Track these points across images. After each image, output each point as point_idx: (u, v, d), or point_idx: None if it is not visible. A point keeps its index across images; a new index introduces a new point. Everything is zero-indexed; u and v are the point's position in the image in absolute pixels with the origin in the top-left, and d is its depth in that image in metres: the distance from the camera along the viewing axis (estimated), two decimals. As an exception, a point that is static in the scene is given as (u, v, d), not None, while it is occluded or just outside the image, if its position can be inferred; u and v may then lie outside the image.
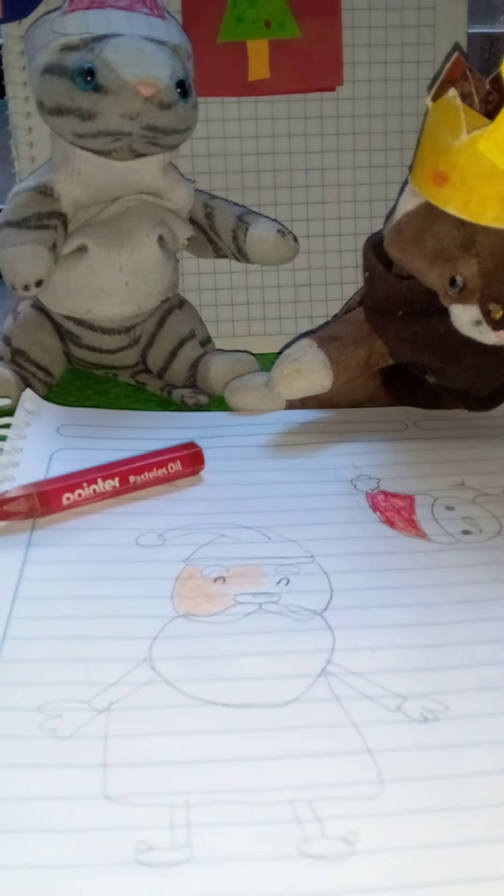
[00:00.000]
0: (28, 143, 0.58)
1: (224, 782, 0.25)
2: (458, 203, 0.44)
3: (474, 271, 0.44)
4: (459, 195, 0.43)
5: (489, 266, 0.44)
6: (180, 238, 0.56)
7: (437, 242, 0.45)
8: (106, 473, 0.42)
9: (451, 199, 0.44)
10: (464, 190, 0.43)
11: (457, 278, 0.45)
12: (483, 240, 0.44)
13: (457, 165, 0.43)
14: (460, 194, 0.43)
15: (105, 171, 0.52)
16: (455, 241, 0.45)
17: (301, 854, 0.24)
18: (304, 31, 0.58)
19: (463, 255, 0.44)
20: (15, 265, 0.51)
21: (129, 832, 0.25)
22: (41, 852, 0.24)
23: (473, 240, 0.44)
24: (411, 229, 0.46)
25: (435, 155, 0.44)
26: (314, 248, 0.61)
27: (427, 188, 0.45)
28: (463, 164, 0.43)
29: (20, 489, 0.40)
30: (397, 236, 0.47)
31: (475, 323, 0.45)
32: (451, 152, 0.43)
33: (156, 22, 0.51)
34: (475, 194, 0.43)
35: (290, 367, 0.49)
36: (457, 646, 0.33)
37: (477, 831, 0.25)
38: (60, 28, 0.50)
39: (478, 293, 0.44)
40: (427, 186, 0.45)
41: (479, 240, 0.44)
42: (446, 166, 0.43)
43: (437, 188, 0.44)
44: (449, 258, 0.45)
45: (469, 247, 0.44)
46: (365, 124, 0.60)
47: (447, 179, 0.44)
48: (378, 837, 0.25)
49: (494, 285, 0.44)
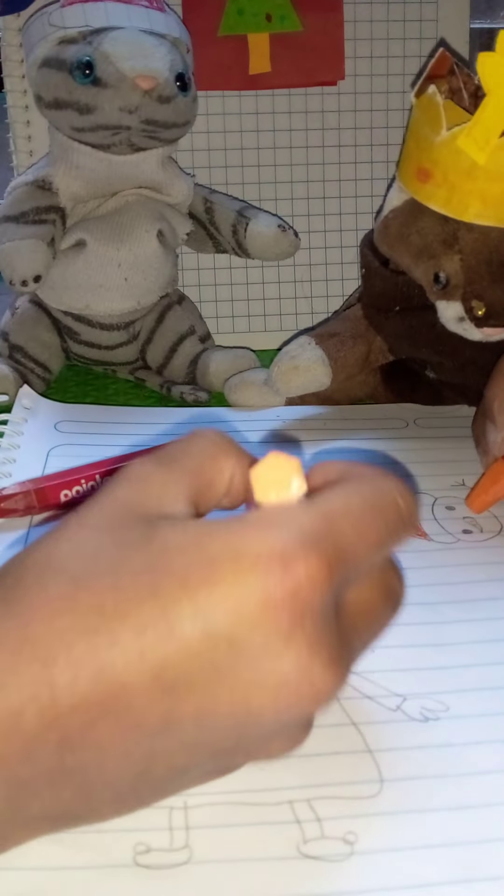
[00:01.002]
0: (26, 137, 0.57)
1: (222, 784, 0.25)
2: (440, 199, 0.43)
3: (457, 268, 0.44)
4: (441, 191, 0.43)
5: (471, 263, 0.44)
6: (180, 233, 0.56)
7: (422, 238, 0.45)
8: (104, 470, 0.42)
9: (433, 196, 0.44)
10: (445, 186, 0.43)
11: (440, 275, 0.44)
12: (465, 236, 0.44)
13: (439, 162, 0.43)
14: (442, 191, 0.43)
15: (104, 165, 0.52)
16: (438, 238, 0.44)
17: (300, 855, 0.24)
18: (306, 25, 0.58)
19: (446, 251, 0.44)
20: (13, 260, 0.50)
21: (127, 834, 0.24)
22: (39, 853, 0.24)
23: (456, 236, 0.44)
24: (397, 225, 0.46)
25: (418, 151, 0.44)
26: (315, 244, 0.61)
27: (411, 184, 0.45)
28: (444, 160, 0.43)
29: (17, 486, 0.40)
30: (385, 231, 0.47)
31: (459, 319, 0.45)
32: (432, 149, 0.43)
33: (155, 14, 0.51)
34: (456, 191, 0.43)
35: (289, 365, 0.49)
36: (457, 645, 0.33)
37: (478, 831, 0.25)
38: (58, 21, 0.50)
39: (461, 290, 0.44)
40: (411, 182, 0.45)
41: (462, 236, 0.44)
42: (429, 163, 0.43)
43: (421, 184, 0.44)
44: (433, 254, 0.45)
45: (452, 243, 0.44)
46: (367, 119, 0.60)
47: (430, 176, 0.43)
48: (378, 837, 0.25)
49: (477, 282, 0.44)
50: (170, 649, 0.21)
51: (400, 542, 0.25)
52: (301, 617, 0.21)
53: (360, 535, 0.23)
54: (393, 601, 0.26)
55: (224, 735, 0.22)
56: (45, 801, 0.22)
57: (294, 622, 0.21)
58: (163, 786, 0.23)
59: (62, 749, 0.21)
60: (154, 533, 0.23)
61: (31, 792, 0.21)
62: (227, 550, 0.22)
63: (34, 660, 0.21)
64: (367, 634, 0.25)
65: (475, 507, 0.40)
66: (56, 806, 0.22)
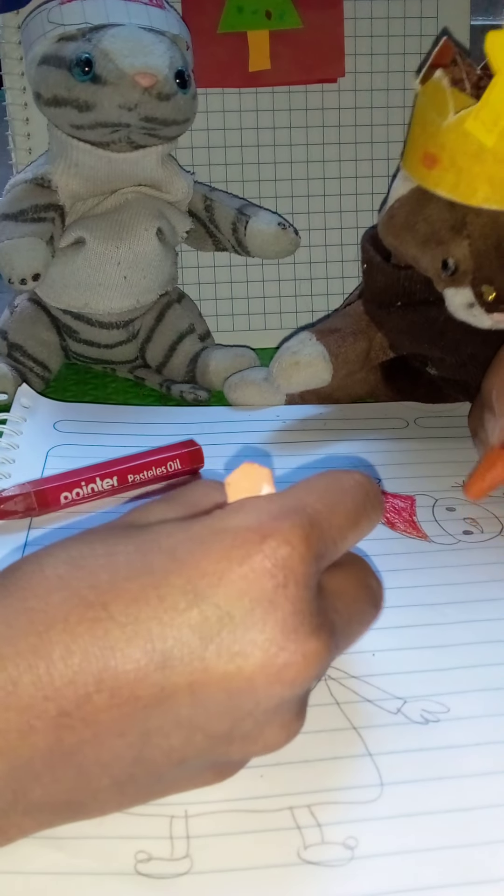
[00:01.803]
0: (25, 135, 0.57)
1: (223, 791, 0.25)
2: (448, 184, 0.43)
3: (466, 253, 0.44)
4: (449, 176, 0.43)
5: (481, 247, 0.44)
6: (179, 231, 0.56)
7: (429, 226, 0.45)
8: (104, 472, 0.42)
9: (441, 181, 0.43)
10: (453, 171, 0.43)
11: (449, 261, 0.44)
12: (474, 221, 0.44)
13: (446, 146, 0.43)
14: (450, 175, 0.43)
15: (103, 162, 0.52)
16: (446, 224, 0.44)
17: (301, 861, 0.24)
18: (306, 22, 0.58)
19: (454, 237, 0.44)
20: (12, 259, 0.50)
21: (128, 841, 0.24)
22: (41, 858, 0.24)
23: (464, 221, 0.44)
24: (403, 214, 0.46)
25: (424, 137, 0.44)
26: (315, 242, 0.61)
27: (417, 171, 0.45)
28: (452, 144, 0.42)
29: (17, 488, 0.40)
30: (390, 222, 0.47)
31: (468, 306, 0.44)
32: (439, 133, 0.43)
33: (154, 11, 0.51)
34: (465, 175, 0.42)
35: (289, 361, 0.49)
36: (458, 646, 0.33)
37: (478, 833, 0.25)
38: (57, 18, 0.49)
39: (470, 275, 0.44)
40: (417, 169, 0.45)
41: (470, 221, 0.44)
42: (435, 148, 0.43)
43: (428, 171, 0.44)
44: (440, 241, 0.44)
45: (460, 229, 0.44)
46: (367, 116, 0.60)
47: (437, 161, 0.43)
48: (378, 842, 0.25)
49: (486, 267, 0.44)
50: (161, 620, 0.22)
51: (371, 522, 0.27)
52: (283, 581, 0.23)
53: (329, 508, 0.25)
54: (372, 599, 0.27)
55: (218, 713, 0.23)
56: (45, 785, 0.22)
57: (277, 586, 0.23)
58: (160, 775, 0.24)
59: (60, 725, 0.21)
60: (145, 526, 0.25)
61: (32, 774, 0.22)
62: (210, 529, 0.24)
63: (30, 632, 0.22)
64: (348, 619, 0.26)
65: (472, 494, 0.40)
66: (56, 791, 0.22)
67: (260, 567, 0.23)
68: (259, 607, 0.22)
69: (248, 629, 0.22)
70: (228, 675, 0.22)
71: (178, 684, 0.22)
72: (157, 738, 0.23)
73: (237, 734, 0.23)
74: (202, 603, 0.22)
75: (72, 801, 0.23)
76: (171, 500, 0.27)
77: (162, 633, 0.22)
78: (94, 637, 0.22)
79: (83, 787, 0.23)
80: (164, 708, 0.22)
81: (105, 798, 0.23)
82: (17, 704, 0.21)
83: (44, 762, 0.22)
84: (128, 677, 0.22)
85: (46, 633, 0.22)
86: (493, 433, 0.40)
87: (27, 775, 0.22)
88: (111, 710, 0.22)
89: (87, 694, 0.21)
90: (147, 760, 0.23)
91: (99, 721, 0.22)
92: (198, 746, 0.23)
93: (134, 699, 0.22)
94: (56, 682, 0.21)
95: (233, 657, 0.22)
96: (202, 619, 0.22)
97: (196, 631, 0.22)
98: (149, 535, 0.24)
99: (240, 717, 0.23)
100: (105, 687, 0.22)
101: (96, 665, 0.21)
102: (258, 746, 0.24)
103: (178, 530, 0.24)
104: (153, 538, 0.24)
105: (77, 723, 0.22)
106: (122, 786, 0.23)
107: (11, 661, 0.21)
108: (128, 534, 0.24)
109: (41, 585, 0.23)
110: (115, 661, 0.22)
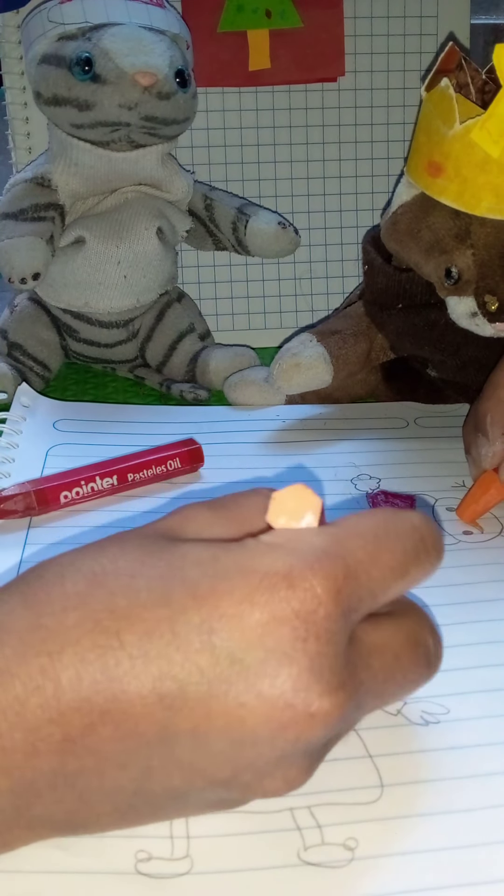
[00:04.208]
0: (25, 134, 0.57)
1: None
2: (452, 194, 0.43)
3: (469, 263, 0.44)
4: (454, 186, 0.43)
5: (484, 257, 0.44)
6: (179, 230, 0.56)
7: (433, 234, 0.45)
8: (104, 471, 0.42)
9: (445, 190, 0.43)
10: (458, 180, 0.43)
11: (452, 270, 0.44)
12: (478, 231, 0.44)
13: (451, 156, 0.43)
14: (454, 185, 0.43)
15: (103, 162, 0.52)
16: (450, 233, 0.44)
17: (301, 862, 0.24)
18: (306, 21, 0.58)
19: (458, 246, 0.44)
20: (12, 258, 0.50)
21: (129, 840, 0.24)
22: (40, 857, 0.24)
23: (468, 231, 0.44)
24: (407, 220, 0.46)
25: (429, 145, 0.44)
26: (315, 241, 0.61)
27: (422, 179, 0.45)
28: (457, 154, 0.42)
29: (17, 487, 0.40)
30: (393, 227, 0.47)
31: (471, 315, 0.44)
32: (444, 142, 0.43)
33: (154, 11, 0.51)
34: (469, 184, 0.42)
35: (290, 362, 0.49)
36: (458, 647, 0.33)
37: (478, 834, 0.25)
38: (57, 17, 0.49)
39: (473, 285, 0.44)
40: (422, 177, 0.45)
41: (475, 231, 0.44)
42: (440, 157, 0.43)
43: (432, 179, 0.44)
44: (444, 249, 0.44)
45: (464, 238, 0.44)
46: (367, 115, 0.60)
47: (441, 170, 0.43)
48: (378, 843, 0.25)
49: (490, 276, 0.44)
50: (171, 658, 0.21)
51: (424, 571, 0.24)
52: (304, 634, 0.21)
53: (372, 557, 0.23)
54: (422, 655, 0.25)
55: (219, 760, 0.22)
56: (47, 804, 0.22)
57: (296, 639, 0.21)
58: (161, 806, 0.23)
59: (64, 751, 0.21)
60: (176, 546, 0.23)
61: (34, 792, 0.22)
62: (239, 566, 0.22)
63: (42, 652, 0.21)
64: (385, 679, 0.24)
65: (466, 517, 0.41)
66: (58, 811, 0.22)
67: (281, 616, 0.21)
68: (273, 658, 0.21)
69: (258, 679, 0.21)
70: (231, 725, 0.22)
71: (180, 726, 0.21)
72: (159, 776, 0.22)
73: (237, 782, 0.23)
74: (216, 646, 0.21)
75: (73, 820, 0.23)
76: (219, 510, 0.26)
77: (171, 672, 0.21)
78: (105, 666, 0.21)
79: (84, 811, 0.22)
80: (166, 747, 0.22)
81: (106, 822, 0.23)
82: (24, 725, 0.21)
83: (47, 783, 0.21)
84: (133, 711, 0.21)
85: (58, 655, 0.21)
86: (485, 459, 0.40)
87: (30, 793, 0.22)
88: (114, 742, 0.21)
89: (91, 723, 0.21)
90: (148, 793, 0.22)
91: (102, 751, 0.21)
92: (198, 787, 0.23)
93: (137, 734, 0.21)
94: (62, 706, 0.21)
95: (239, 707, 0.21)
96: (213, 662, 0.21)
97: (205, 675, 0.21)
98: (177, 558, 0.23)
99: (242, 767, 0.22)
100: (110, 719, 0.21)
101: (103, 695, 0.21)
102: (259, 791, 0.23)
103: (207, 559, 0.23)
104: (180, 564, 0.23)
105: (80, 750, 0.21)
106: (123, 813, 0.23)
107: (20, 681, 0.21)
108: (157, 551, 0.23)
109: (59, 601, 0.22)
110: (122, 693, 0.21)
